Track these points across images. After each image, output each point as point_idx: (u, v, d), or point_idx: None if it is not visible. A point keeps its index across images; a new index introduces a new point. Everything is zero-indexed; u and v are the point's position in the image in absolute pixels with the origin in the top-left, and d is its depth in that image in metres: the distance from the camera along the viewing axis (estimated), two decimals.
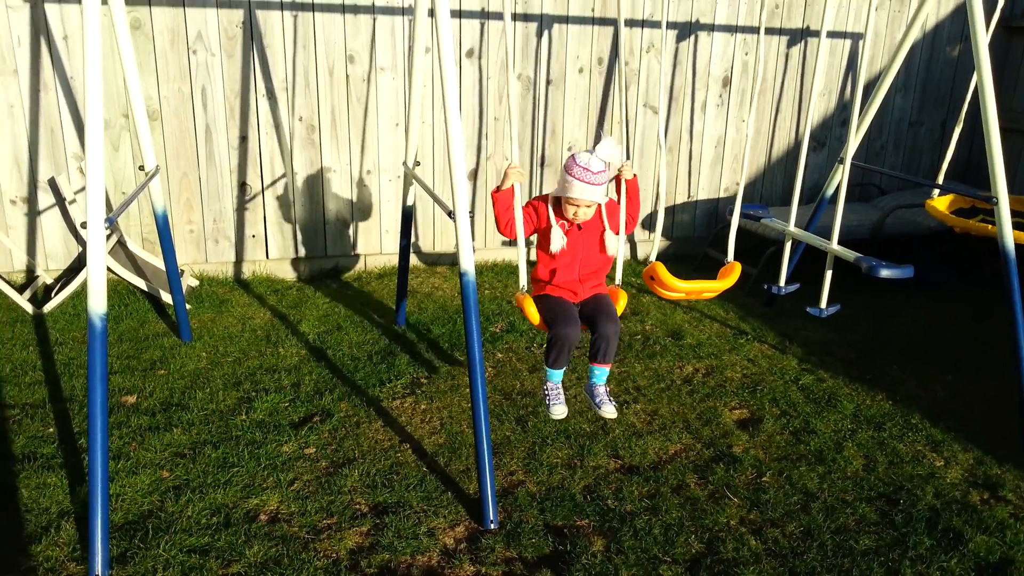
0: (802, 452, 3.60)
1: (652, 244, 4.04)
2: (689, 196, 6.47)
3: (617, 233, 3.40)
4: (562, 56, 5.85)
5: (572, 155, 3.26)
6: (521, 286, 3.41)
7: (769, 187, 6.65)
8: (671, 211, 6.46)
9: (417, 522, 3.06)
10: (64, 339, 4.50)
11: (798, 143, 6.55)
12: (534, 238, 3.46)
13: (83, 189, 5.13)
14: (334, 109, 5.57)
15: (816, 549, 2.96)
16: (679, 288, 3.78)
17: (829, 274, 4.36)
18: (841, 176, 4.28)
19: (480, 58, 5.71)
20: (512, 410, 3.91)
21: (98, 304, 2.84)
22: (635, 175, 3.53)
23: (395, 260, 5.86)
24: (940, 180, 5.12)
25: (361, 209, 5.85)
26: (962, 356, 4.66)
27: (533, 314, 3.32)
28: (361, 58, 5.51)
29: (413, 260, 5.98)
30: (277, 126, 5.52)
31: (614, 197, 3.50)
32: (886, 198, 6.46)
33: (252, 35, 5.28)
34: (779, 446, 3.65)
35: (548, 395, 3.38)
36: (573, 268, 3.36)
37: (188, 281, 5.26)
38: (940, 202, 5.29)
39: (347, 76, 5.52)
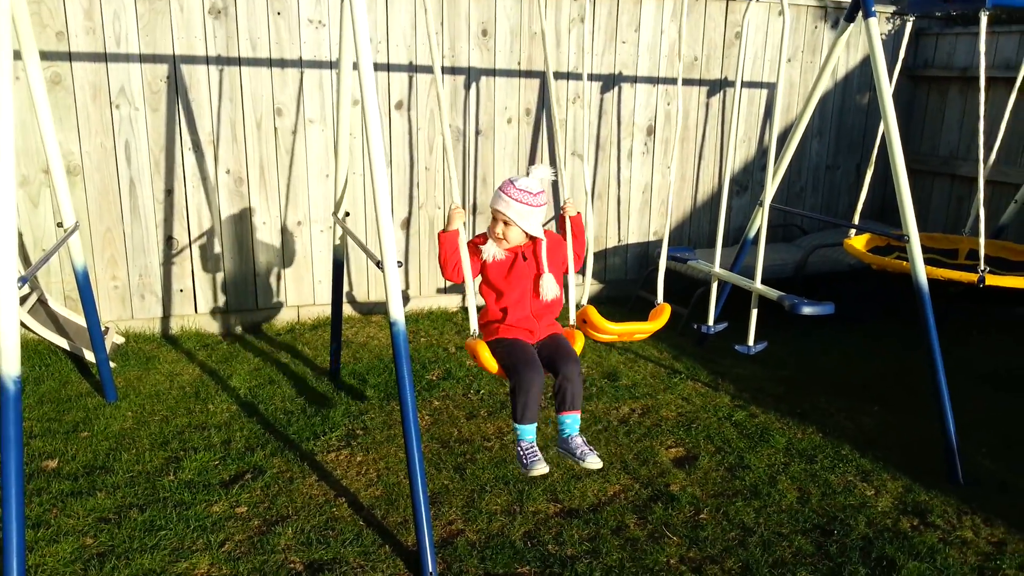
0: (738, 487, 3.65)
1: (583, 288, 4.09)
2: (619, 240, 6.60)
3: (556, 273, 3.30)
4: (490, 108, 5.96)
5: (508, 179, 3.24)
6: (472, 331, 3.28)
7: (696, 230, 6.83)
8: (603, 255, 6.57)
9: None
10: None
11: (721, 187, 6.75)
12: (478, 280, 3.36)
13: None
14: (263, 161, 5.53)
15: None
16: (611, 331, 3.75)
17: (755, 313, 4.49)
18: (761, 218, 4.44)
19: (410, 110, 5.77)
20: (450, 458, 3.87)
21: (10, 367, 2.72)
22: (578, 212, 3.50)
23: (328, 311, 5.79)
24: (856, 220, 5.35)
25: (292, 260, 5.79)
26: (887, 388, 4.82)
27: (488, 360, 3.15)
28: (289, 110, 5.51)
29: (347, 310, 5.93)
30: (204, 179, 5.45)
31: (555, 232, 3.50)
32: (808, 238, 6.71)
33: (177, 89, 5.23)
34: (715, 482, 3.70)
35: (523, 456, 3.08)
36: (524, 303, 3.24)
37: (113, 338, 5.09)
38: (857, 241, 5.52)
39: (275, 128, 5.51)
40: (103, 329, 4.56)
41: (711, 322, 4.75)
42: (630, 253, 6.66)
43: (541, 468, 3.05)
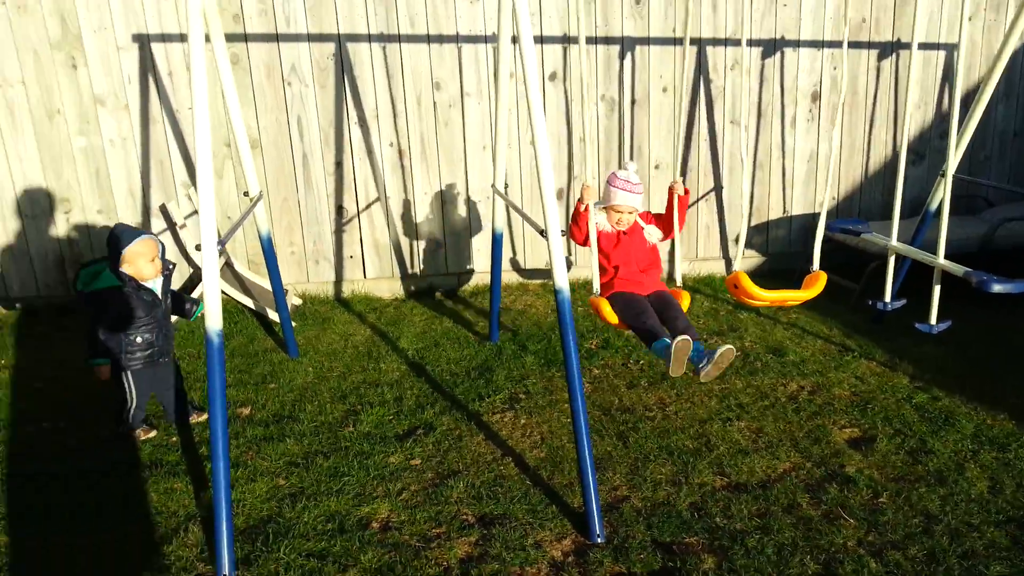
0: (920, 473, 3.46)
1: (737, 254, 4.16)
2: (784, 211, 6.35)
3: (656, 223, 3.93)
4: (645, 77, 5.86)
5: (612, 172, 3.84)
6: (595, 290, 3.74)
7: (868, 201, 6.47)
8: (765, 227, 6.35)
9: (524, 534, 3.07)
10: (180, 355, 4.70)
11: (895, 156, 6.37)
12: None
13: (192, 214, 5.38)
14: (423, 134, 5.70)
15: (943, 574, 2.83)
16: (762, 297, 3.87)
17: (937, 289, 4.22)
18: (944, 190, 4.14)
19: (564, 81, 5.77)
20: (612, 426, 3.89)
21: (214, 322, 2.96)
22: (687, 191, 3.95)
23: (486, 279, 5.93)
24: None
25: (452, 230, 5.95)
26: None
27: (610, 313, 3.64)
28: (447, 85, 5.64)
29: (505, 278, 6.04)
30: (369, 152, 5.68)
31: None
32: (994, 210, 6.21)
33: (343, 66, 5.46)
34: (895, 466, 3.52)
35: (666, 354, 3.37)
36: (631, 262, 3.83)
37: (292, 300, 5.43)
38: None
39: (434, 103, 5.65)
40: (284, 291, 4.86)
41: (888, 298, 4.50)
42: (794, 225, 6.40)
43: (678, 339, 3.36)
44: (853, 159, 6.36)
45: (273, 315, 5.16)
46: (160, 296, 3.68)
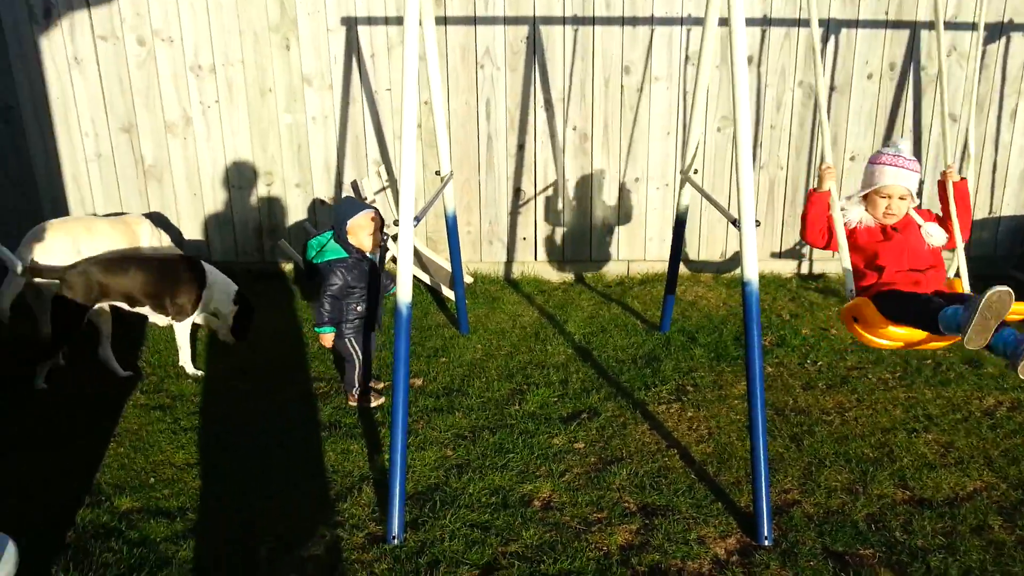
0: None
1: (954, 259, 3.62)
2: (990, 211, 5.82)
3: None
4: (849, 62, 5.53)
5: (885, 152, 3.12)
6: (849, 290, 3.12)
7: None
8: None
9: (686, 528, 3.03)
10: None
11: None
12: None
13: (380, 191, 5.67)
14: (607, 119, 5.69)
15: None
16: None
17: None
18: None
19: (759, 65, 5.56)
20: (785, 427, 3.74)
21: (405, 294, 3.12)
22: (964, 178, 3.22)
23: (657, 267, 5.86)
24: None
25: (625, 215, 5.92)
26: None
27: (873, 315, 2.87)
28: (636, 68, 5.58)
29: (683, 268, 5.93)
30: (552, 135, 5.74)
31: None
32: None
33: (535, 49, 5.54)
34: None
35: (965, 316, 2.57)
36: (902, 260, 3.02)
37: (464, 278, 5.61)
38: None
39: (621, 86, 5.62)
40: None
41: None
42: (1002, 227, 5.85)
43: (991, 290, 2.50)
44: None
45: (447, 292, 5.36)
46: (377, 267, 3.95)
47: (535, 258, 6.02)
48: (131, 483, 3.30)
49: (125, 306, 4.20)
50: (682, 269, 6.01)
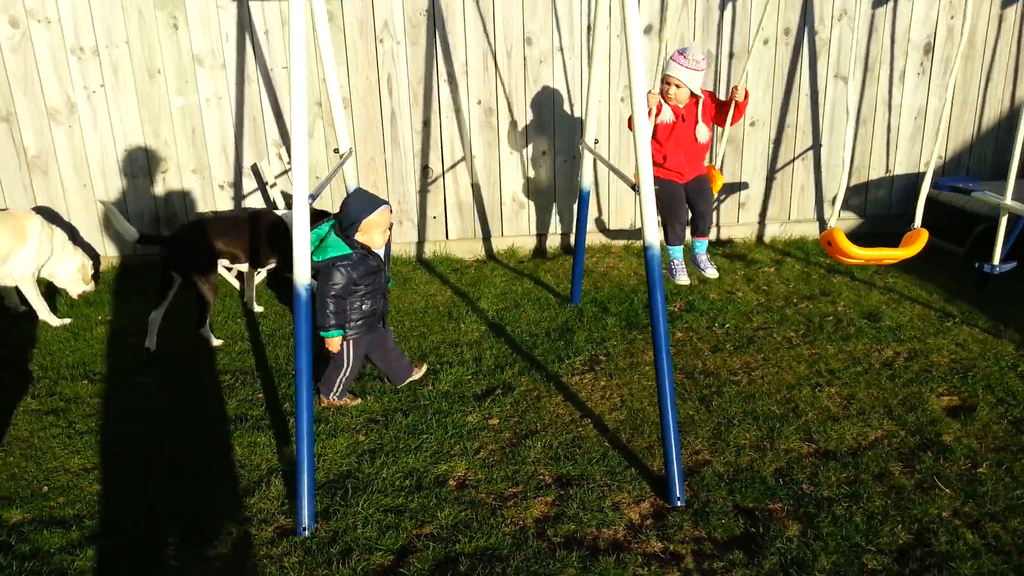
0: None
1: (834, 213, 4.02)
2: (886, 171, 6.03)
3: (707, 123, 4.25)
4: (745, 28, 5.61)
5: (677, 50, 4.10)
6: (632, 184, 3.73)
7: (977, 162, 6.07)
8: (864, 188, 6.04)
9: (601, 495, 3.04)
10: (267, 312, 4.84)
11: (1013, 112, 5.93)
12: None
13: (283, 174, 5.49)
14: (511, 91, 5.63)
15: None
16: (857, 255, 3.76)
17: None
18: None
19: (660, 33, 5.58)
20: (695, 389, 3.80)
21: (304, 276, 3.01)
22: (747, 95, 4.31)
23: (569, 240, 5.87)
24: None
25: (536, 189, 5.89)
26: None
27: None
28: (538, 39, 5.54)
29: (588, 239, 5.95)
30: (457, 110, 5.66)
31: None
32: None
33: (435, 21, 5.43)
34: (996, 436, 3.32)
35: (674, 268, 4.31)
36: (679, 152, 4.23)
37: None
38: None
39: (524, 58, 5.57)
40: None
41: (996, 261, 4.22)
42: (896, 185, 6.07)
43: (684, 279, 4.31)
44: (965, 116, 5.96)
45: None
46: (383, 262, 3.66)
47: (447, 236, 5.95)
48: (22, 494, 3.12)
49: (227, 263, 4.53)
50: (595, 240, 6.04)
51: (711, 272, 4.33)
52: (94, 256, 5.08)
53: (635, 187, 3.16)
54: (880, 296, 4.85)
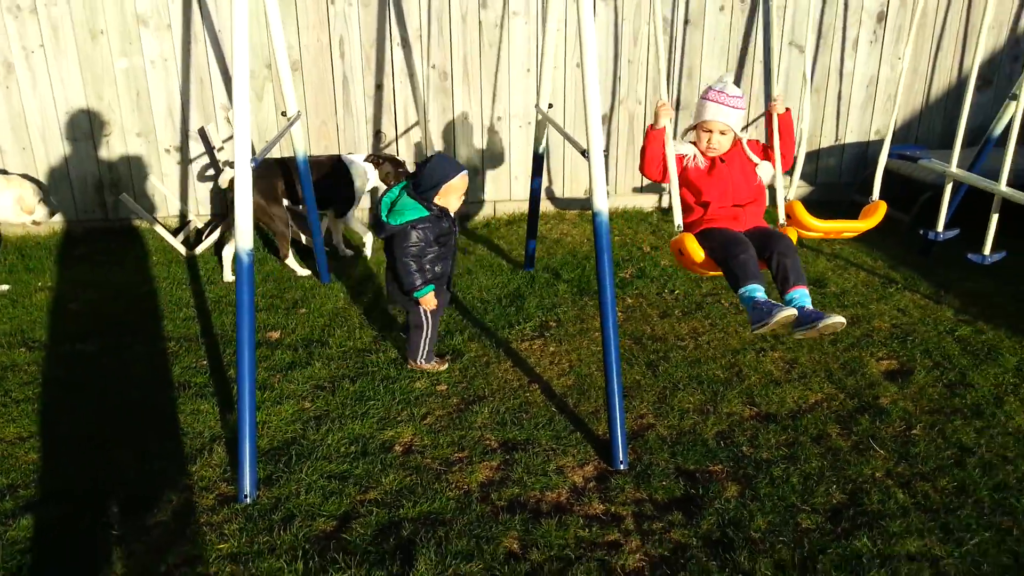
0: (957, 406, 3.34)
1: (790, 184, 3.88)
2: (836, 139, 6.09)
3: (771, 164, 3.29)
4: None
5: (712, 88, 3.21)
6: (677, 225, 3.21)
7: (926, 129, 6.15)
8: (815, 155, 6.10)
9: (546, 459, 3.06)
10: (214, 279, 4.77)
11: (961, 82, 6.02)
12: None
13: (230, 138, 5.38)
14: (466, 56, 5.56)
15: (972, 505, 2.75)
16: (817, 227, 3.56)
17: (995, 218, 4.02)
18: (1014, 113, 3.89)
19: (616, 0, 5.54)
20: (642, 355, 3.83)
21: (245, 241, 2.96)
22: (788, 108, 3.39)
23: (524, 207, 5.85)
24: None
25: (491, 155, 5.85)
26: None
27: (696, 250, 3.05)
28: (494, 3, 5.46)
29: (542, 207, 5.95)
30: (411, 74, 5.57)
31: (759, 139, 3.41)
32: None
33: None
34: (931, 399, 3.40)
35: (760, 308, 2.85)
36: (726, 197, 3.19)
37: (325, 225, 5.43)
38: None
39: (480, 22, 5.49)
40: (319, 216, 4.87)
41: (940, 228, 4.30)
42: (847, 154, 6.13)
43: (785, 311, 2.78)
44: (915, 85, 6.03)
45: (307, 241, 5.18)
46: (455, 225, 3.66)
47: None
48: None
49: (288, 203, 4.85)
50: (548, 207, 6.03)
51: (836, 318, 2.78)
52: (40, 185, 4.88)
53: (585, 152, 3.14)
54: (827, 263, 4.92)
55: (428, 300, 3.56)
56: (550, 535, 2.66)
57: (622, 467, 3.01)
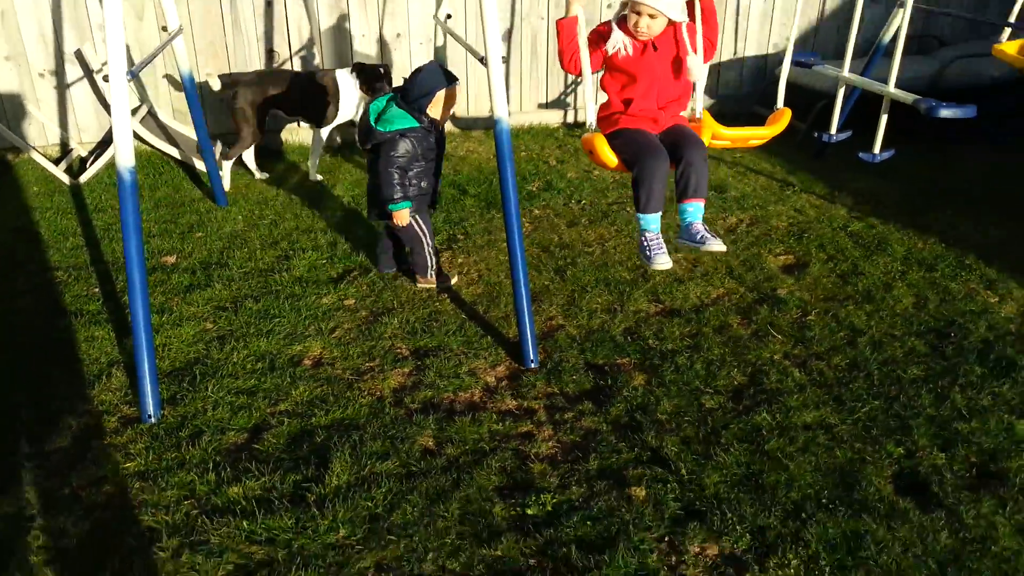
0: (849, 293, 3.51)
1: (697, 95, 3.81)
2: (735, 53, 6.16)
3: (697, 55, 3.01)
4: None
5: None
6: (589, 123, 3.06)
7: (821, 42, 6.29)
8: (716, 69, 6.17)
9: (458, 363, 3.07)
10: (103, 206, 4.52)
11: None
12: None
13: None
14: None
15: (863, 379, 2.91)
16: (725, 135, 3.46)
17: (884, 118, 4.16)
18: (900, 20, 4.00)
19: None
20: (550, 262, 3.86)
21: (126, 159, 2.80)
22: None
23: None
24: (1013, 19, 4.74)
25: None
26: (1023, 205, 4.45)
27: (606, 153, 2.93)
28: None
29: (448, 125, 5.85)
30: None
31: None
32: (946, 50, 6.07)
33: None
34: (825, 288, 3.56)
35: (647, 247, 2.89)
36: (651, 95, 2.96)
37: (220, 149, 5.20)
38: (1010, 46, 4.92)
39: None
40: (211, 140, 4.65)
41: (834, 131, 4.44)
42: (746, 67, 6.23)
43: (664, 261, 2.84)
44: None
45: (200, 165, 4.96)
46: (443, 139, 3.54)
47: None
48: None
49: (282, 113, 4.93)
50: (454, 127, 5.93)
51: (716, 245, 2.83)
52: None
53: (482, 59, 3.07)
54: (728, 170, 5.03)
55: (401, 216, 3.46)
56: (464, 431, 2.68)
57: (533, 365, 3.04)
